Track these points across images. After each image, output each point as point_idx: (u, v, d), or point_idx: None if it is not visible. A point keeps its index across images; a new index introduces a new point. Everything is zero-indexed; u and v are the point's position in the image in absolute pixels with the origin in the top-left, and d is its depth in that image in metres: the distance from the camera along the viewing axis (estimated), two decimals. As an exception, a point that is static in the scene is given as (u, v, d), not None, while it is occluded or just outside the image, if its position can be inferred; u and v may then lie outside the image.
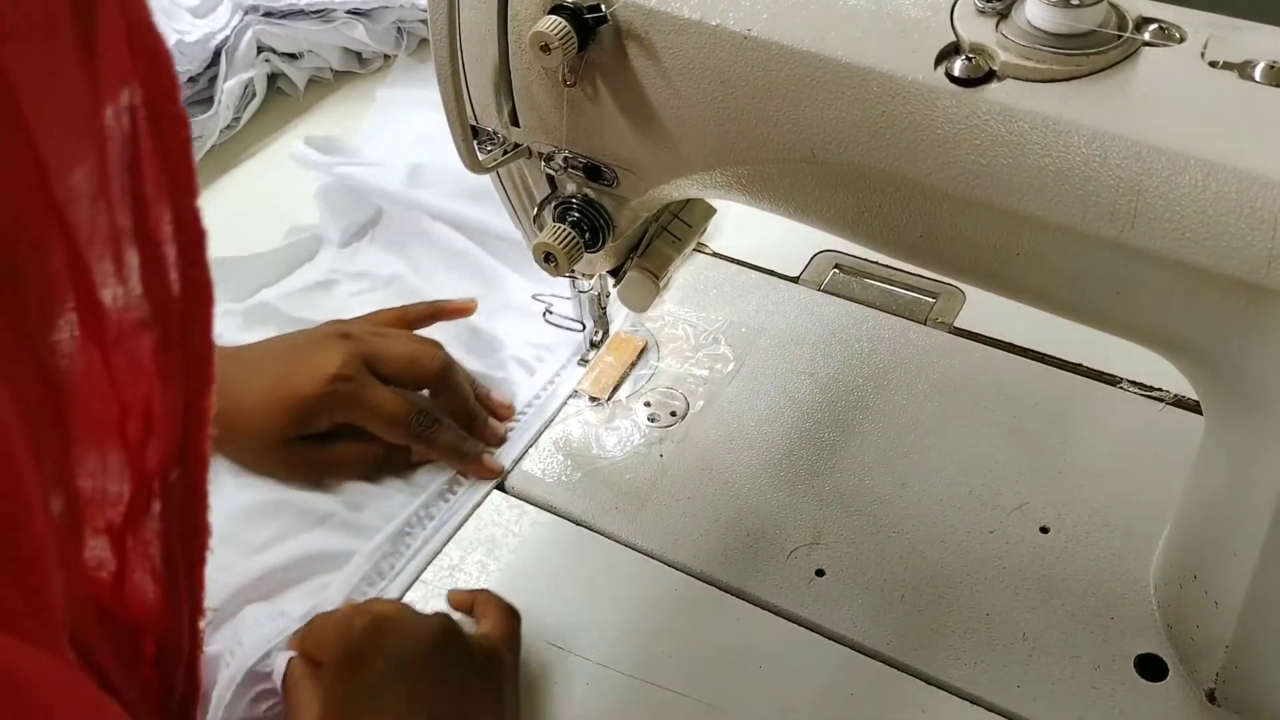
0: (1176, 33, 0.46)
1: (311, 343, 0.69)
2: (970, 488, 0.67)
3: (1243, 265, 0.42)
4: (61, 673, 0.29)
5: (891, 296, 0.79)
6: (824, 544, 0.65)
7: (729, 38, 0.49)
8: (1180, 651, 0.58)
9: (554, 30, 0.50)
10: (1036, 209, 0.46)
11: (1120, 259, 0.45)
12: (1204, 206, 0.42)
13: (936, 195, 0.48)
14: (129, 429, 0.33)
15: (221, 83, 0.94)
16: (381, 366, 0.68)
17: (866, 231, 0.53)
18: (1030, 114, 0.44)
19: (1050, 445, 0.69)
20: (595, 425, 0.72)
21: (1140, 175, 0.43)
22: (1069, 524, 0.65)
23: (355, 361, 0.67)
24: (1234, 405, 0.50)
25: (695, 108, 0.52)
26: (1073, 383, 0.72)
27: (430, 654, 0.53)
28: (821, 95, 0.48)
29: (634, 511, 0.67)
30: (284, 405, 0.66)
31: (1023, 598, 0.62)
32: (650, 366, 0.76)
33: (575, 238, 0.59)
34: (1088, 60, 0.45)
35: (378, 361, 0.68)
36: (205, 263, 0.33)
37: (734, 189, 0.55)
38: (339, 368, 0.66)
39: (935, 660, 0.59)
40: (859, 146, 0.48)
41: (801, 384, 0.74)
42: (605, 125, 0.55)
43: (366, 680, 0.52)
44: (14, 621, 0.27)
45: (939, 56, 0.46)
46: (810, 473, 0.68)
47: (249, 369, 0.68)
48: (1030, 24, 0.45)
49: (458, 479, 0.69)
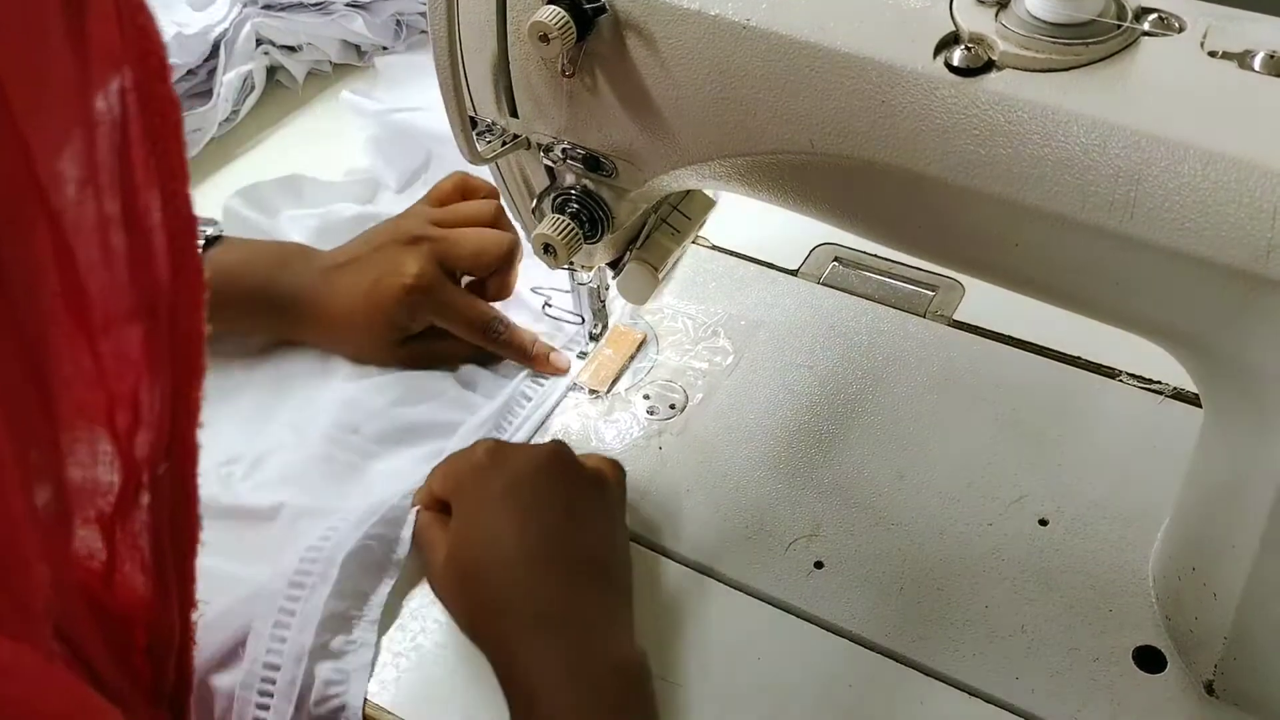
0: (1176, 23, 0.46)
1: (388, 250, 0.73)
2: (969, 480, 0.67)
3: (1242, 255, 0.42)
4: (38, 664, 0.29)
5: (891, 289, 0.79)
6: (823, 536, 0.65)
7: (728, 27, 0.49)
8: (1179, 643, 0.58)
9: (553, 20, 0.50)
10: (1036, 199, 0.45)
11: (1119, 249, 0.45)
12: (1203, 196, 0.42)
13: (936, 185, 0.48)
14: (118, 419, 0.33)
15: (220, 75, 0.94)
16: (454, 264, 0.73)
17: (865, 222, 0.53)
18: (1029, 104, 0.44)
19: (1049, 438, 0.69)
20: (594, 418, 0.72)
21: (1139, 165, 0.43)
22: (1068, 516, 0.65)
23: (430, 266, 0.71)
24: (1233, 396, 0.50)
25: (694, 98, 0.52)
26: (1072, 375, 0.72)
27: (544, 471, 0.59)
28: (820, 85, 0.48)
29: (633, 503, 0.67)
30: (378, 313, 0.71)
31: (1021, 590, 0.62)
32: (649, 359, 0.76)
33: (574, 229, 0.59)
34: (1087, 50, 0.45)
35: (449, 260, 0.72)
36: (195, 250, 0.33)
37: (733, 180, 0.55)
38: (415, 278, 0.70)
39: (934, 652, 0.59)
40: (858, 137, 0.48)
41: (801, 377, 0.74)
42: (604, 116, 0.55)
43: (489, 492, 0.58)
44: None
45: (938, 46, 0.46)
46: (809, 465, 0.68)
47: (339, 283, 0.73)
48: (1029, 14, 0.45)
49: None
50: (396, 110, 0.89)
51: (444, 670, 0.60)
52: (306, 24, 0.99)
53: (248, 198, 0.85)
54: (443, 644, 0.61)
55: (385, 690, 0.59)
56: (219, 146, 0.96)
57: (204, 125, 0.94)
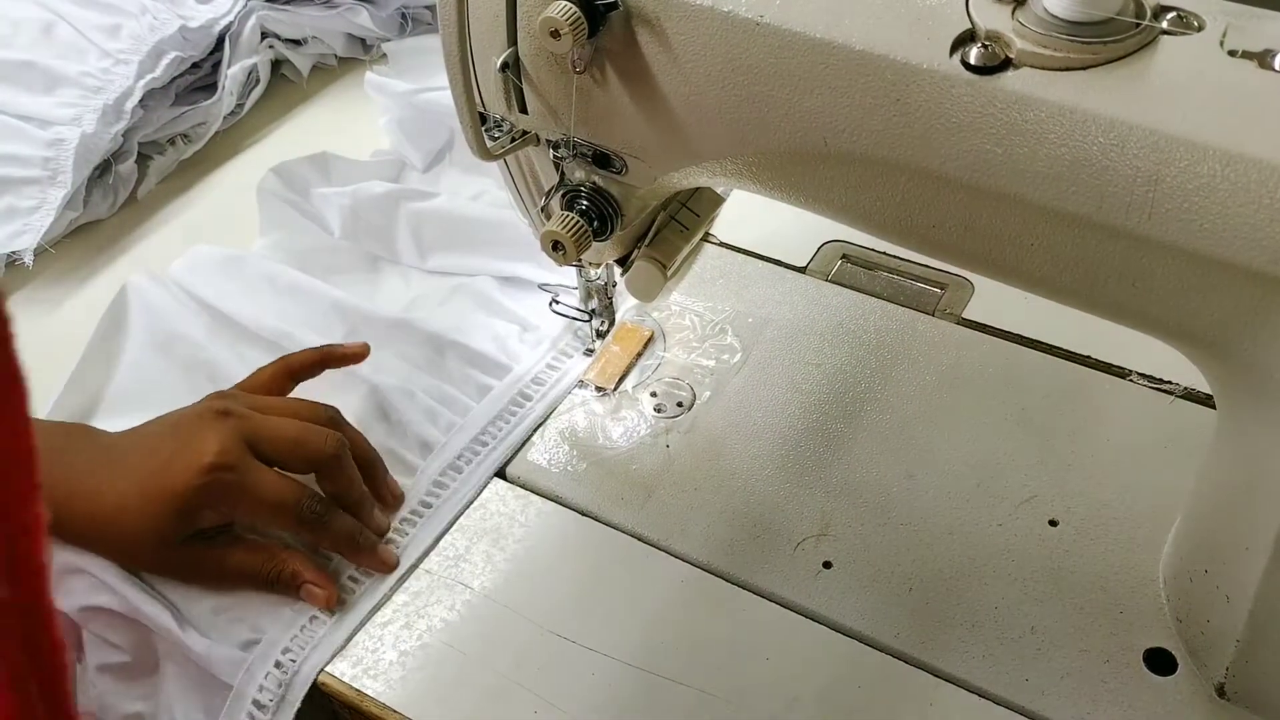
0: (1195, 21, 0.46)
1: (186, 426, 0.62)
2: (979, 480, 0.67)
3: (1261, 257, 0.42)
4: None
5: (899, 287, 0.79)
6: (831, 536, 0.64)
7: (741, 24, 0.49)
8: (1190, 645, 0.58)
9: (564, 16, 0.49)
10: (1052, 199, 0.45)
11: (1137, 250, 0.45)
12: (1222, 197, 0.42)
13: (950, 184, 0.47)
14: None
15: (225, 69, 0.94)
16: (266, 448, 0.62)
17: (878, 221, 0.52)
18: (1047, 103, 0.44)
19: (1059, 438, 0.68)
20: (601, 415, 0.72)
21: (1158, 165, 0.42)
22: (1078, 517, 0.64)
23: (236, 445, 0.61)
24: (1248, 397, 0.50)
25: (706, 95, 0.51)
26: (1082, 375, 0.72)
27: None
28: (834, 83, 0.48)
29: (640, 502, 0.67)
30: (161, 503, 0.60)
31: (1031, 591, 0.61)
32: (656, 356, 0.75)
33: (583, 226, 0.59)
34: (1105, 48, 0.44)
35: (261, 443, 0.62)
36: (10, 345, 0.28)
37: (744, 177, 0.54)
38: (216, 455, 0.60)
39: (943, 653, 0.59)
40: (872, 135, 0.48)
41: (809, 375, 0.73)
42: (614, 112, 0.54)
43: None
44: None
45: (954, 44, 0.46)
46: (817, 464, 0.68)
47: (121, 465, 0.62)
48: (1047, 11, 0.45)
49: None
50: (420, 91, 0.89)
51: (450, 669, 0.60)
52: (311, 17, 0.99)
53: (282, 175, 0.85)
54: (449, 643, 0.61)
55: (392, 689, 0.59)
56: (224, 140, 0.96)
57: (209, 119, 0.93)
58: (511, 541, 0.65)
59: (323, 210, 0.84)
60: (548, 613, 0.62)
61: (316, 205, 0.84)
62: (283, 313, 0.77)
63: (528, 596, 0.63)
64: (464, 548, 0.65)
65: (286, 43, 1.00)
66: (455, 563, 0.65)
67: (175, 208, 0.90)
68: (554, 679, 0.59)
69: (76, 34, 0.90)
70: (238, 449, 0.61)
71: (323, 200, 0.84)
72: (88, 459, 0.62)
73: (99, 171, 0.88)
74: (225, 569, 0.63)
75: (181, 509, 0.60)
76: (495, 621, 0.61)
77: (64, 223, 0.85)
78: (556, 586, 0.63)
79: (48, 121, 0.86)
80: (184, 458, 0.60)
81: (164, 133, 0.92)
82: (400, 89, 0.90)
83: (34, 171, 0.84)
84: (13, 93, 0.87)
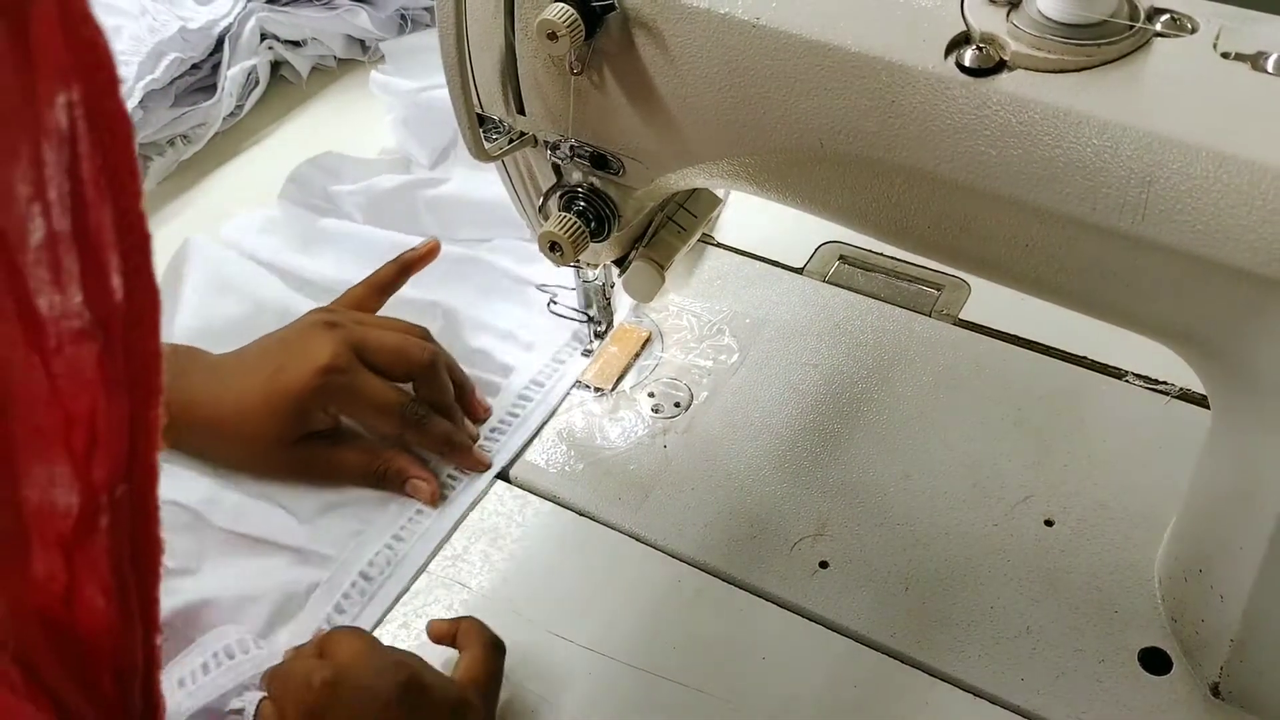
0: (1188, 23, 0.46)
1: (299, 336, 0.67)
2: (975, 480, 0.67)
3: (1253, 258, 0.42)
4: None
5: (896, 288, 0.79)
6: (828, 536, 0.65)
7: (737, 26, 0.49)
8: (1184, 645, 0.58)
9: (561, 18, 0.49)
10: (1046, 200, 0.45)
11: (1130, 251, 0.45)
12: (1215, 198, 0.42)
13: (946, 186, 0.48)
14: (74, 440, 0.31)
15: (225, 70, 0.94)
16: (370, 356, 0.66)
17: (875, 223, 0.53)
18: (1041, 104, 0.44)
19: (1055, 438, 0.69)
20: (599, 416, 0.72)
21: (1151, 167, 0.43)
22: (1073, 517, 0.65)
23: (345, 351, 0.65)
24: (1242, 398, 0.50)
25: (703, 97, 0.51)
26: (1078, 375, 0.72)
27: (390, 711, 0.51)
28: (830, 85, 0.48)
29: (638, 502, 0.67)
30: (279, 403, 0.65)
31: (1027, 591, 0.61)
32: (654, 357, 0.75)
33: (581, 227, 0.59)
34: (1099, 51, 0.45)
35: (367, 350, 0.66)
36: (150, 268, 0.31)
37: (741, 178, 0.55)
38: (330, 358, 0.65)
39: (939, 653, 0.59)
40: (868, 137, 0.48)
41: (806, 375, 0.73)
42: (612, 114, 0.55)
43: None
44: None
45: (949, 46, 0.46)
46: (814, 464, 0.68)
47: (241, 372, 0.66)
48: (1041, 14, 0.45)
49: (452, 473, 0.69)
50: (425, 89, 0.90)
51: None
52: (311, 19, 0.99)
53: (297, 180, 0.87)
54: (447, 642, 0.61)
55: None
56: (223, 141, 0.96)
57: (208, 120, 0.94)
58: (509, 541, 0.66)
59: (343, 206, 0.86)
60: (545, 612, 0.62)
61: (335, 202, 0.86)
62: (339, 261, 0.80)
63: (525, 596, 0.63)
64: (462, 548, 0.66)
65: (286, 44, 1.00)
66: (453, 562, 0.65)
67: (175, 208, 0.91)
68: (551, 678, 0.59)
69: (76, 35, 0.90)
70: (347, 354, 0.65)
71: (340, 197, 0.86)
72: (202, 372, 0.67)
73: (99, 172, 0.88)
74: (337, 466, 0.67)
75: (299, 409, 0.65)
76: (493, 621, 0.61)
77: (64, 223, 0.86)
78: (554, 586, 0.63)
79: (48, 122, 0.86)
80: (299, 362, 0.65)
81: (164, 134, 0.92)
82: (405, 87, 0.90)
83: (34, 172, 0.84)
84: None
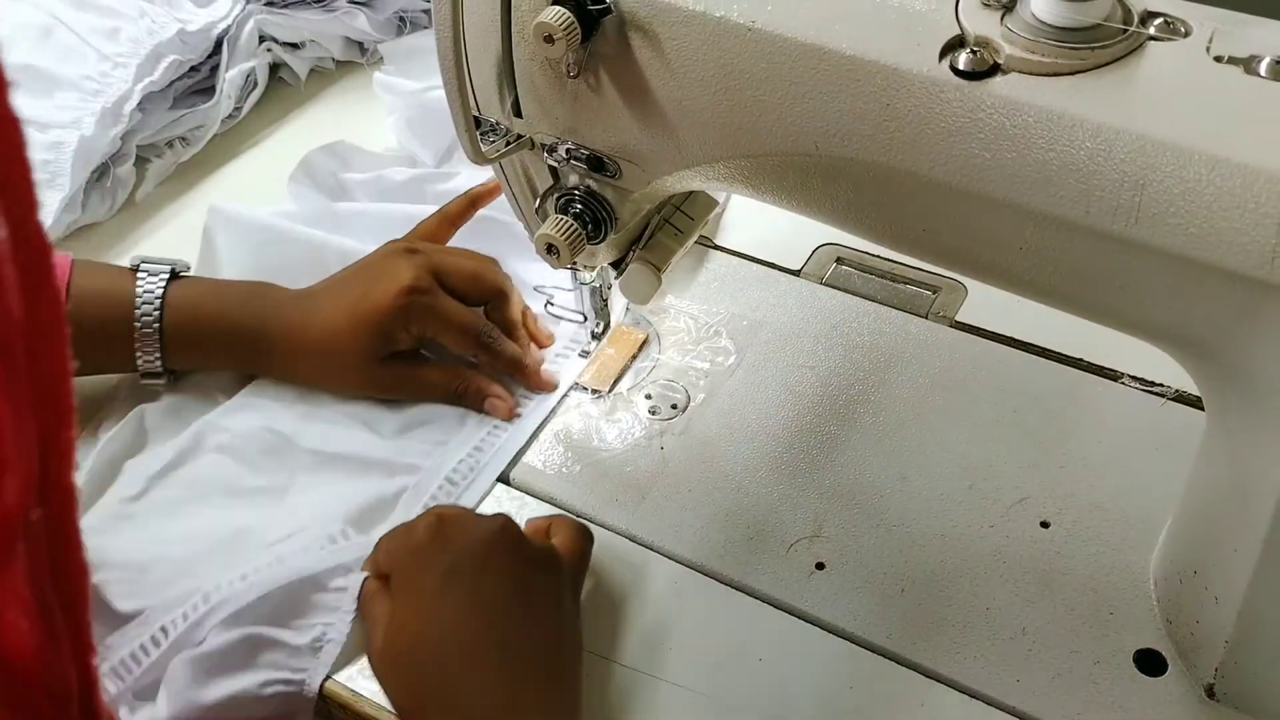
0: (1182, 27, 0.46)
1: (381, 262, 0.72)
2: (971, 482, 0.67)
3: (1246, 261, 0.42)
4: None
5: (893, 290, 0.79)
6: (824, 537, 0.65)
7: (733, 29, 0.49)
8: (1180, 647, 0.58)
9: (557, 21, 0.50)
10: (1040, 203, 0.45)
11: (1124, 254, 0.45)
12: (1208, 201, 0.42)
13: (940, 189, 0.48)
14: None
15: (223, 72, 0.94)
16: (449, 279, 0.71)
17: (869, 225, 0.53)
18: (1035, 108, 0.44)
19: (1051, 440, 0.69)
20: (596, 418, 0.72)
21: (1144, 170, 0.43)
22: (1069, 519, 0.65)
23: (426, 274, 0.70)
24: (1236, 400, 0.50)
25: (698, 100, 0.52)
26: (1074, 377, 0.72)
27: (488, 552, 0.56)
28: (825, 88, 0.48)
29: (634, 504, 0.67)
30: (366, 322, 0.69)
31: (1022, 592, 0.62)
32: (651, 359, 0.76)
33: (578, 229, 0.59)
34: (1093, 54, 0.45)
35: (445, 274, 0.71)
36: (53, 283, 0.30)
37: (737, 181, 0.55)
38: (413, 280, 0.69)
39: (935, 654, 0.59)
40: (862, 140, 0.48)
41: (803, 377, 0.74)
42: (608, 117, 0.55)
43: (430, 576, 0.55)
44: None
45: (944, 49, 0.46)
46: (811, 466, 0.68)
47: (328, 298, 0.71)
48: (1035, 17, 0.45)
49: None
50: (429, 89, 0.90)
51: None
52: (309, 21, 0.99)
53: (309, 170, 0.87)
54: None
55: (386, 689, 0.59)
56: (222, 143, 0.96)
57: (207, 122, 0.94)
58: (506, 543, 0.66)
59: (354, 193, 0.87)
60: (542, 613, 0.62)
61: (347, 190, 0.87)
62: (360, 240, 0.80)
63: (522, 597, 0.63)
64: (459, 549, 0.66)
65: (284, 46, 1.00)
66: (450, 564, 0.65)
67: (173, 210, 0.91)
68: (548, 679, 0.59)
69: (75, 37, 0.91)
70: (428, 277, 0.70)
71: (352, 185, 0.87)
72: (290, 303, 0.72)
73: (97, 174, 0.88)
74: (421, 383, 0.72)
75: (384, 328, 0.69)
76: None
77: (62, 225, 0.86)
78: (551, 587, 0.63)
79: (46, 125, 0.86)
80: (383, 284, 0.69)
81: (162, 136, 0.92)
82: (409, 88, 0.91)
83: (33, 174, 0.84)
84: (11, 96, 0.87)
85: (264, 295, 0.72)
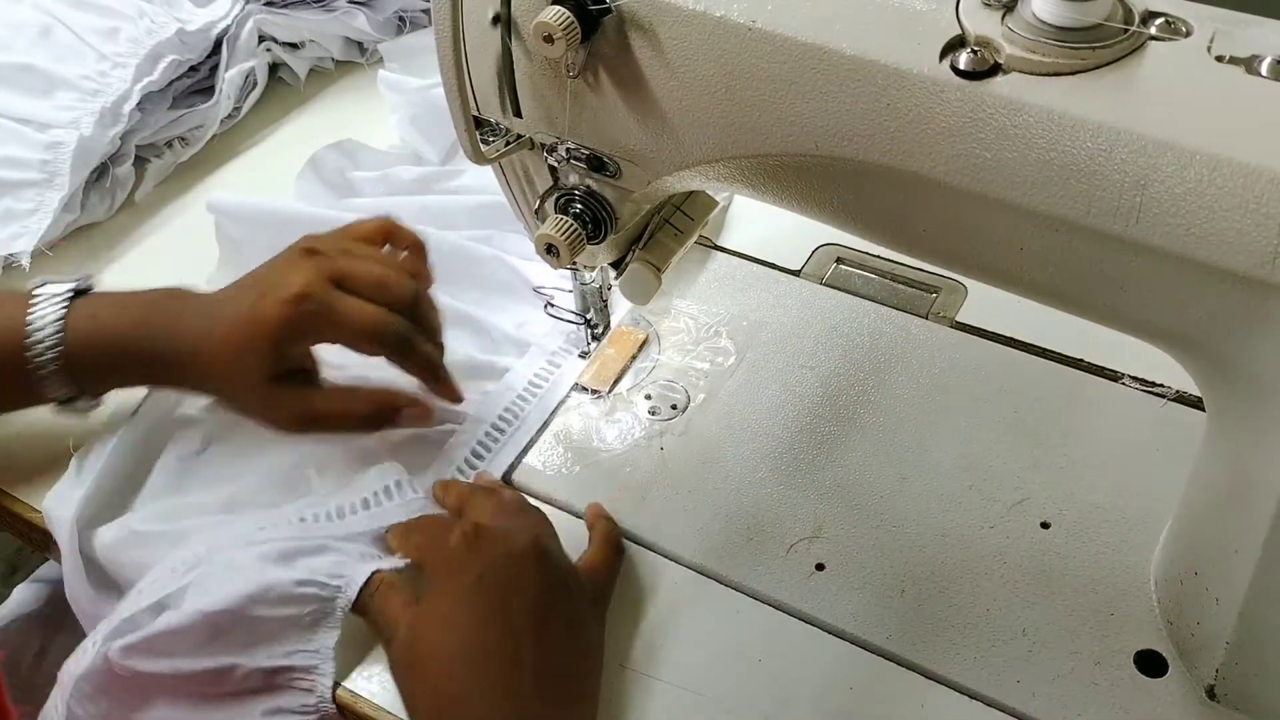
0: (1183, 27, 0.46)
1: (276, 267, 0.66)
2: (971, 482, 0.67)
3: (1247, 261, 0.42)
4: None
5: (893, 290, 0.79)
6: (824, 538, 0.65)
7: (733, 29, 0.49)
8: (1180, 647, 0.58)
9: (557, 21, 0.49)
10: (1041, 203, 0.45)
11: (1125, 254, 0.45)
12: (1209, 202, 0.42)
13: (940, 189, 0.48)
14: None
15: (223, 72, 0.94)
16: (350, 285, 0.64)
17: (869, 225, 0.53)
18: (1036, 108, 0.44)
19: (1051, 440, 0.69)
20: (596, 418, 0.72)
21: (1145, 170, 0.43)
22: (1070, 519, 0.65)
23: (319, 279, 0.64)
24: (1237, 401, 0.50)
25: (698, 99, 0.51)
26: (1074, 378, 0.72)
27: (522, 567, 0.56)
28: (825, 88, 0.48)
29: (634, 504, 0.67)
30: (254, 335, 0.63)
31: (1023, 593, 0.61)
32: (651, 359, 0.76)
33: (577, 229, 0.59)
34: (1094, 54, 0.45)
35: (346, 280, 0.64)
36: None
37: (737, 181, 0.55)
38: (301, 287, 0.63)
39: (935, 655, 0.59)
40: (863, 139, 0.48)
41: (803, 377, 0.73)
42: (608, 116, 0.55)
43: (460, 582, 0.55)
44: None
45: (944, 49, 0.46)
46: (811, 466, 0.68)
47: (221, 311, 0.65)
48: (1036, 17, 0.45)
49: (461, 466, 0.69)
50: (433, 86, 0.90)
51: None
52: (309, 21, 0.99)
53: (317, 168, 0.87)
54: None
55: (386, 690, 0.59)
56: (221, 143, 0.96)
57: (206, 122, 0.94)
58: (506, 543, 0.66)
59: (363, 190, 0.87)
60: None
61: (355, 188, 0.87)
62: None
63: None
64: (458, 549, 0.66)
65: (284, 46, 1.00)
66: (450, 564, 0.65)
67: (172, 210, 0.91)
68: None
69: (74, 37, 0.91)
70: (321, 282, 0.64)
71: (359, 182, 0.87)
72: (193, 314, 0.65)
73: (96, 174, 0.88)
74: (318, 410, 0.66)
75: (273, 340, 0.63)
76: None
77: (61, 225, 0.86)
78: (550, 588, 0.63)
79: (45, 124, 0.86)
80: (272, 293, 0.63)
81: (161, 136, 0.92)
82: (414, 85, 0.91)
83: (31, 174, 0.84)
84: (10, 96, 0.87)
85: (165, 305, 0.66)
